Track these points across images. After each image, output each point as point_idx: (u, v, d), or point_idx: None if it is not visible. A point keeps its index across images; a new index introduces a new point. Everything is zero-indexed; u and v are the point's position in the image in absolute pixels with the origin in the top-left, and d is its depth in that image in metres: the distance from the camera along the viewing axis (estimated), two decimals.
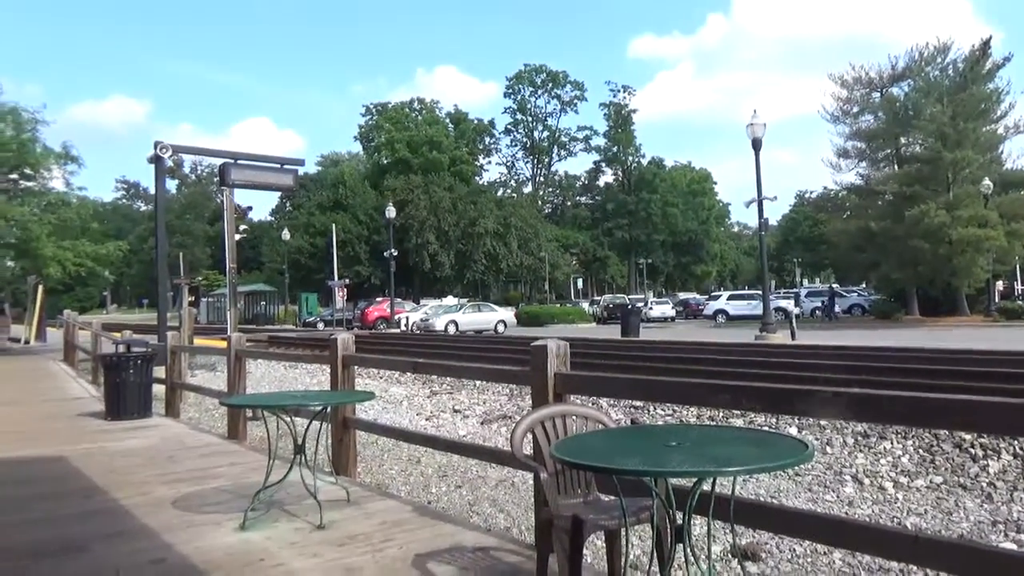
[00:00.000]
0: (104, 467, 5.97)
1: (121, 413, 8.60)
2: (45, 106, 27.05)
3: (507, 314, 39.26)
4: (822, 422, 7.63)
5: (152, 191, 17.32)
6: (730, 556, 4.44)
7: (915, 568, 4.07)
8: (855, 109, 38.67)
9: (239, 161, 12.84)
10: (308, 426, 4.53)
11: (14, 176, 22.22)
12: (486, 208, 61.15)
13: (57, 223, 21.84)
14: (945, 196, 32.99)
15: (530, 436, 3.07)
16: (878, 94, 38.50)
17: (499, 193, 74.51)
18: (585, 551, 3.13)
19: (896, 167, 37.07)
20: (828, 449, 7.15)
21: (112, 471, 5.81)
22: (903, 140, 37.32)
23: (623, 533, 2.93)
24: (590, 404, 8.09)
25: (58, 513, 4.61)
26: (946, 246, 31.71)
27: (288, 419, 4.49)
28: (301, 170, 16.86)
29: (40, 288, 27.50)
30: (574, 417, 3.20)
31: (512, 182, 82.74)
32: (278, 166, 13.73)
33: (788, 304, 35.01)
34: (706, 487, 2.50)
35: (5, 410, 9.83)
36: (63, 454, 6.55)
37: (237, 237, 14.88)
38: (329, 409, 5.14)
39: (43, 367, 16.87)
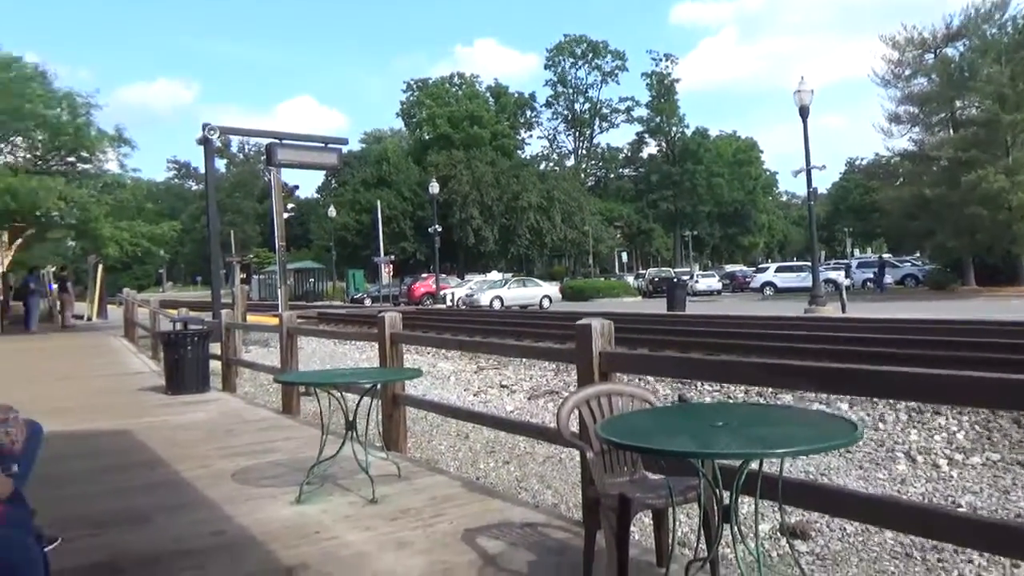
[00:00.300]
0: (166, 440, 6.21)
1: (181, 388, 8.92)
2: (98, 90, 27.84)
3: (551, 289, 39.24)
4: (874, 398, 7.51)
5: (202, 170, 17.69)
6: (778, 534, 4.44)
7: (969, 549, 4.01)
8: (907, 72, 37.28)
9: (284, 141, 13.05)
10: (359, 402, 4.65)
11: (72, 159, 22.92)
12: (529, 182, 60.90)
13: (114, 204, 22.48)
14: (1004, 160, 31.70)
15: (576, 414, 3.10)
16: (932, 55, 37.02)
17: (541, 167, 74.09)
18: (632, 528, 3.17)
19: (951, 131, 35.74)
20: (880, 425, 7.05)
21: (174, 444, 6.04)
22: (958, 103, 35.92)
23: (670, 512, 2.96)
24: (636, 381, 8.10)
25: (123, 485, 4.82)
26: (1005, 212, 30.56)
27: (339, 395, 4.61)
28: (345, 148, 17.08)
29: (100, 267, 28.44)
30: (620, 396, 3.22)
31: (554, 155, 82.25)
32: (322, 145, 13.91)
33: (838, 275, 34.26)
34: (753, 466, 2.50)
35: (73, 384, 10.27)
36: (128, 427, 6.82)
37: (285, 216, 15.14)
38: (379, 386, 5.26)
39: (105, 343, 17.50)
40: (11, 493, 2.67)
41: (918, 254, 47.29)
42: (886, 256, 48.37)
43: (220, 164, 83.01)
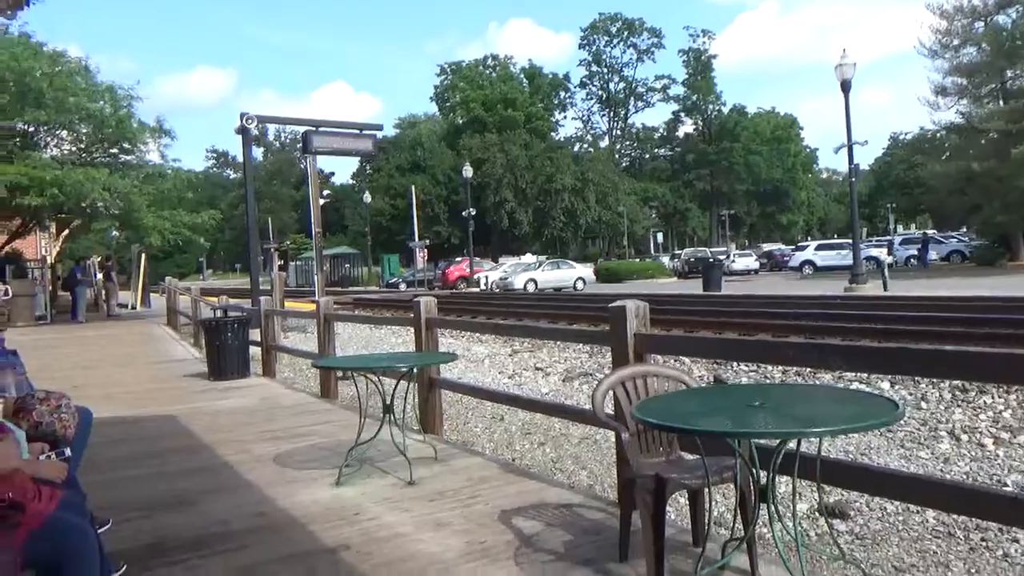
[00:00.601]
0: (209, 425, 6.36)
1: (222, 374, 9.13)
2: (139, 82, 28.34)
3: (586, 271, 39.10)
4: (917, 377, 7.35)
5: (240, 159, 17.95)
6: (816, 514, 4.40)
7: (1016, 528, 3.92)
8: (955, 41, 36.02)
9: (320, 129, 13.14)
10: (396, 386, 4.70)
11: (115, 150, 23.39)
12: (563, 164, 60.62)
13: (155, 194, 22.92)
14: None
15: (611, 395, 3.10)
16: (981, 23, 35.68)
17: (575, 148, 73.60)
18: (668, 508, 3.16)
19: (1001, 103, 34.54)
20: (923, 404, 6.91)
21: (216, 429, 6.18)
22: (1009, 73, 34.63)
23: (706, 492, 2.94)
24: (672, 362, 8.05)
25: (168, 469, 4.95)
26: None
27: (376, 379, 4.66)
28: (379, 134, 17.16)
29: (143, 256, 29.13)
30: (655, 377, 3.21)
31: (588, 136, 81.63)
32: (357, 132, 13.97)
33: (880, 253, 33.50)
34: (791, 446, 2.47)
35: (119, 371, 10.55)
36: (172, 413, 7.00)
37: (321, 202, 15.30)
38: (415, 369, 5.31)
39: (149, 331, 17.92)
40: (66, 477, 2.77)
41: (964, 229, 46.05)
42: (930, 232, 47.17)
43: (257, 152, 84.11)
